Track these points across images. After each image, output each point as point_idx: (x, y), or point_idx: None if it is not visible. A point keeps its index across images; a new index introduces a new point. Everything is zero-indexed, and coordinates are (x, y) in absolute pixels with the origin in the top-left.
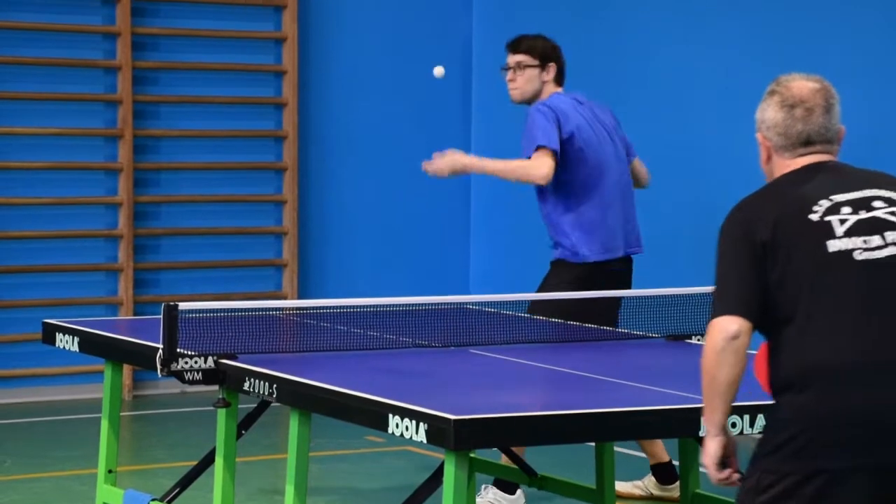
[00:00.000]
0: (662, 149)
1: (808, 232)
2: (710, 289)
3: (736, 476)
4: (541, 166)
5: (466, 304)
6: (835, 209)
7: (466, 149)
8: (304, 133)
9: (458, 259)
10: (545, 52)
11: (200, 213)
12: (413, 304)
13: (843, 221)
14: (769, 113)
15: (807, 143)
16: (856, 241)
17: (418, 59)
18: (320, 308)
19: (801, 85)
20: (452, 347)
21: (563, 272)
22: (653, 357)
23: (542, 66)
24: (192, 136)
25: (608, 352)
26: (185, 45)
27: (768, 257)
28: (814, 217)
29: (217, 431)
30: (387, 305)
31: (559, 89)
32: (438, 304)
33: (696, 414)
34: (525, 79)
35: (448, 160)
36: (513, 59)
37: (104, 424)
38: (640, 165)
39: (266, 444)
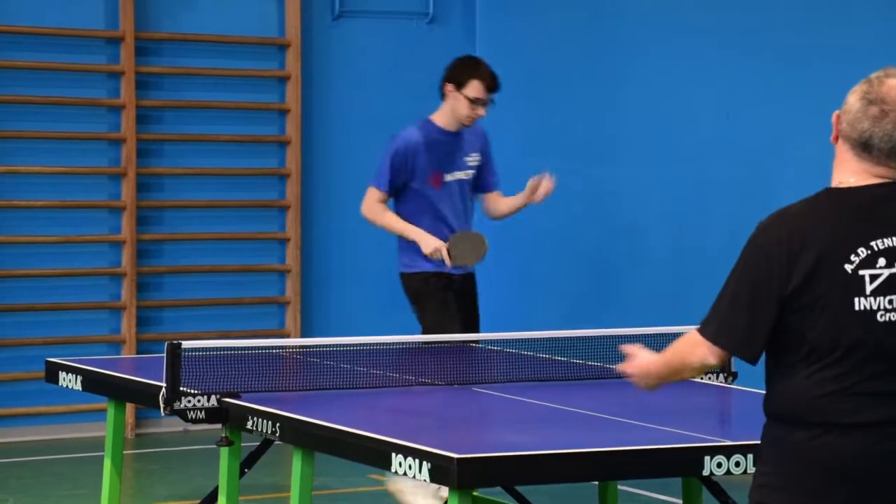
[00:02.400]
0: (663, 172)
1: (840, 285)
2: None
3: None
4: None
5: (470, 342)
6: (870, 261)
7: None
8: (308, 170)
9: None
10: None
11: (204, 251)
12: (416, 342)
13: (874, 278)
14: (851, 98)
15: (866, 146)
16: (881, 301)
17: (421, 93)
18: (323, 346)
19: (892, 85)
20: (456, 385)
21: None
22: (656, 395)
23: None
24: (196, 175)
25: (611, 390)
26: (189, 83)
27: (793, 300)
28: (849, 268)
29: (220, 470)
30: (390, 343)
31: None
32: (442, 342)
33: (699, 453)
34: None
35: None
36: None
37: (107, 463)
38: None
39: (269, 483)
